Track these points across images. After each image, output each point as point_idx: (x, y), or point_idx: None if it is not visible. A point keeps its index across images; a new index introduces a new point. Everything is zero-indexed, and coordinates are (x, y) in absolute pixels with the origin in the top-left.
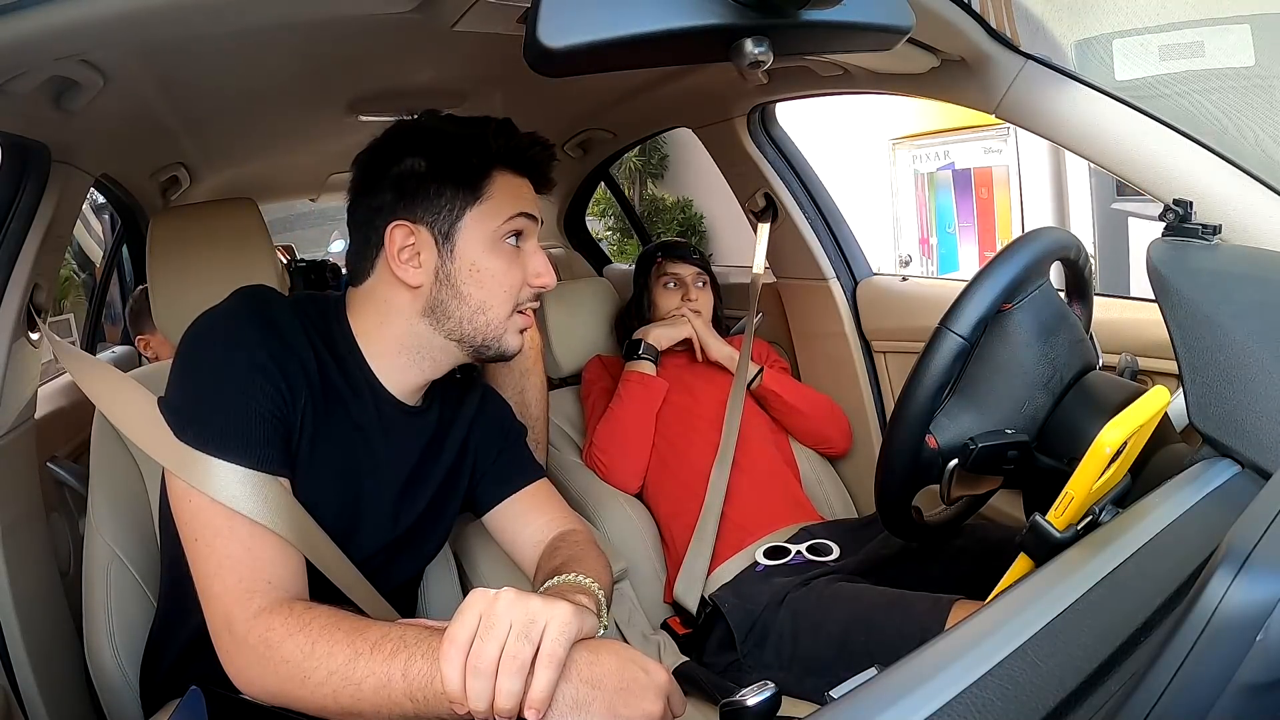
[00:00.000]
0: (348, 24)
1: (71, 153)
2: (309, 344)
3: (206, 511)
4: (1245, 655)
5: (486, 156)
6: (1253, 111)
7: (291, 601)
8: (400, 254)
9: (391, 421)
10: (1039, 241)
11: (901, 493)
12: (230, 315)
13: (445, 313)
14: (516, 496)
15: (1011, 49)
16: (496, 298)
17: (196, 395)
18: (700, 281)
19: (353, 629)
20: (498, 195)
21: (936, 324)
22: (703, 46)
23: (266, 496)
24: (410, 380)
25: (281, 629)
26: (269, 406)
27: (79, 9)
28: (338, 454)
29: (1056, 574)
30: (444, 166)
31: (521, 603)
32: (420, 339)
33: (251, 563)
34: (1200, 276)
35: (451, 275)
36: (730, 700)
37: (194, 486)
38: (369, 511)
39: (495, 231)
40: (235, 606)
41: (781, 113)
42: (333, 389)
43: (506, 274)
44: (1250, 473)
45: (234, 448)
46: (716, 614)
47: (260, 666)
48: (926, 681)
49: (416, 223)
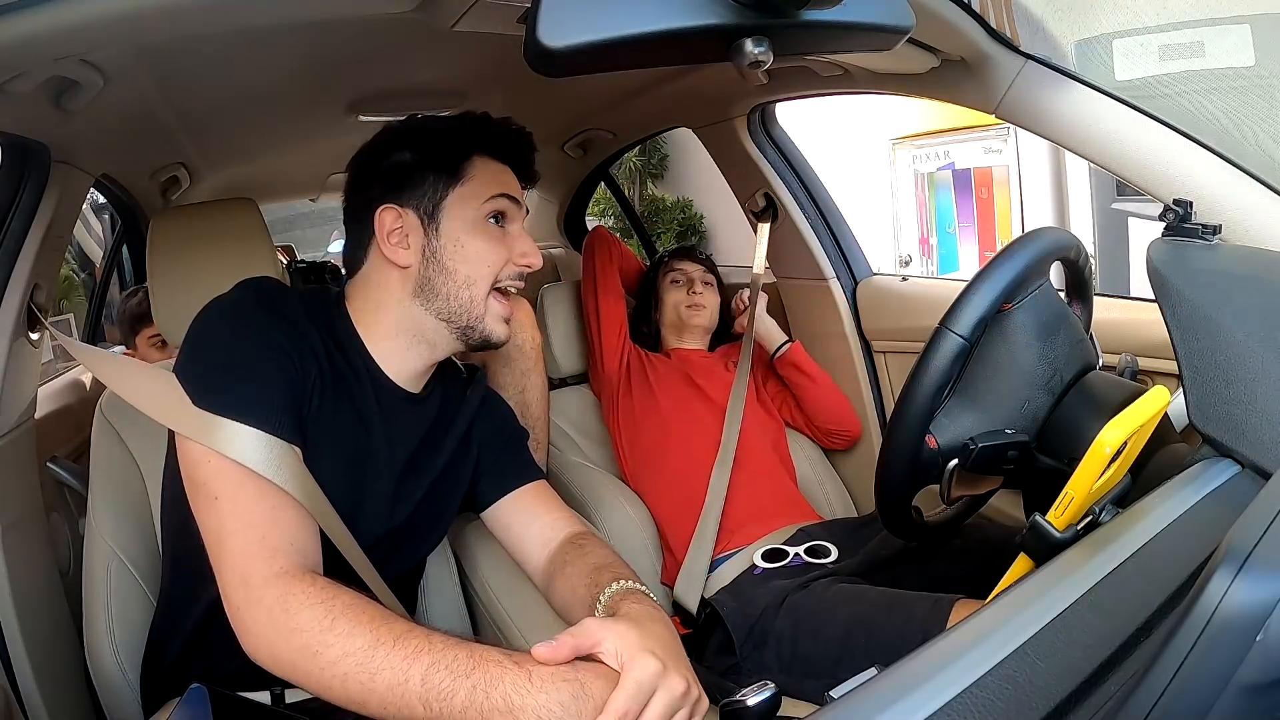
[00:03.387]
0: (348, 24)
1: (71, 153)
2: (315, 330)
3: (229, 471)
4: (1245, 655)
5: (465, 142)
6: (1253, 111)
7: (315, 573)
8: (390, 236)
9: (391, 408)
10: (1039, 242)
11: (902, 492)
12: (240, 300)
13: (434, 290)
14: (518, 493)
15: (1011, 49)
16: (479, 272)
17: (213, 364)
18: (706, 280)
19: (378, 615)
20: (478, 177)
21: (937, 324)
22: (703, 46)
23: (285, 462)
24: (409, 365)
25: (303, 595)
26: (283, 376)
27: (79, 9)
28: (341, 439)
29: (1056, 574)
30: (427, 155)
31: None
32: (414, 320)
33: (275, 522)
34: (1200, 276)
35: (438, 252)
36: (730, 700)
37: (215, 449)
38: (368, 499)
39: (477, 211)
40: (256, 561)
41: (781, 113)
42: (338, 374)
43: (491, 251)
44: (1250, 473)
45: (255, 412)
46: (716, 616)
47: (273, 628)
48: (926, 681)
49: (404, 206)
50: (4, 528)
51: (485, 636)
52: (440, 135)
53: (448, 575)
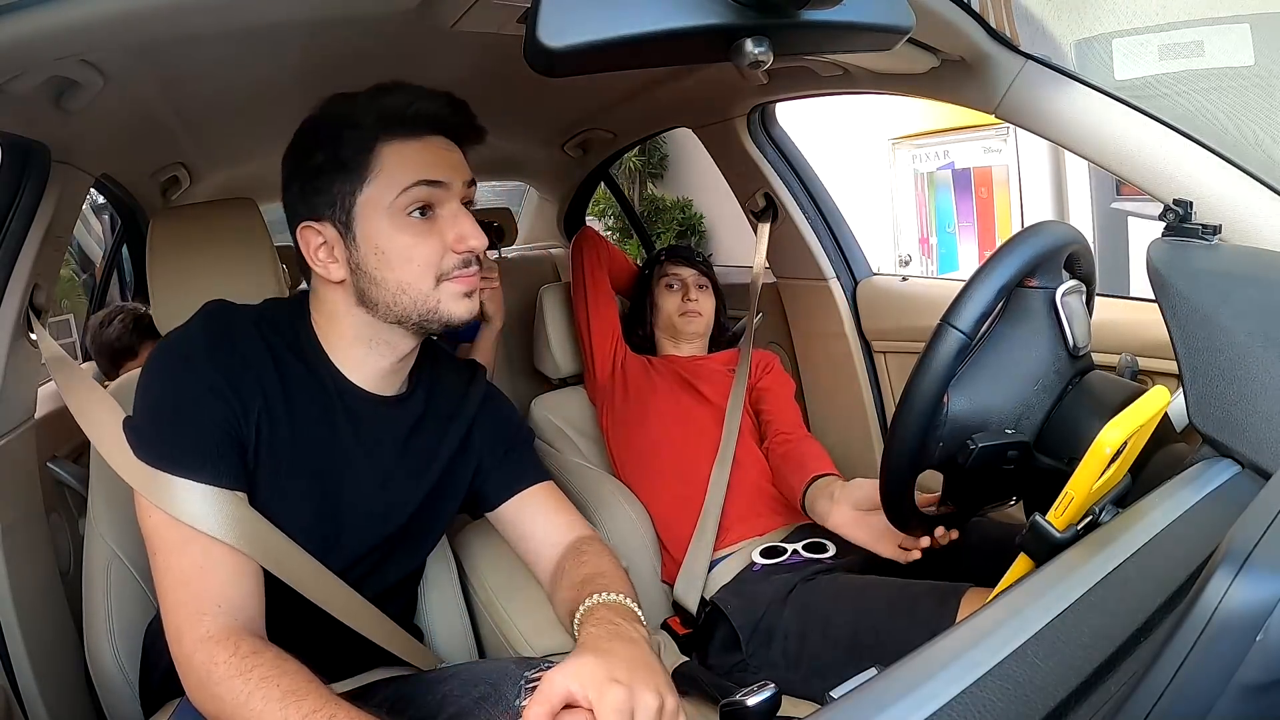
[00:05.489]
0: (348, 23)
1: (71, 153)
2: (267, 354)
3: (164, 528)
4: (1245, 655)
5: (363, 130)
6: (1253, 111)
7: (239, 637)
8: (316, 253)
9: (361, 415)
10: (1040, 236)
11: (905, 488)
12: (184, 338)
13: (372, 300)
14: (527, 494)
15: (1011, 49)
16: (412, 275)
17: (152, 415)
18: (701, 284)
19: (289, 691)
20: (387, 168)
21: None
22: (703, 46)
23: (222, 511)
24: (374, 369)
25: (223, 667)
26: (220, 423)
27: (79, 9)
28: (308, 456)
29: (1056, 574)
30: (328, 154)
31: None
32: (366, 327)
33: (203, 581)
34: (1200, 276)
35: (361, 263)
36: (730, 700)
37: (152, 503)
38: (353, 510)
39: (391, 208)
40: (185, 623)
41: (780, 113)
42: (296, 392)
43: (416, 248)
44: (1250, 473)
45: (188, 464)
46: (717, 615)
47: (201, 690)
48: (926, 681)
49: (320, 219)
50: (4, 528)
51: (485, 636)
52: (337, 127)
53: (448, 575)
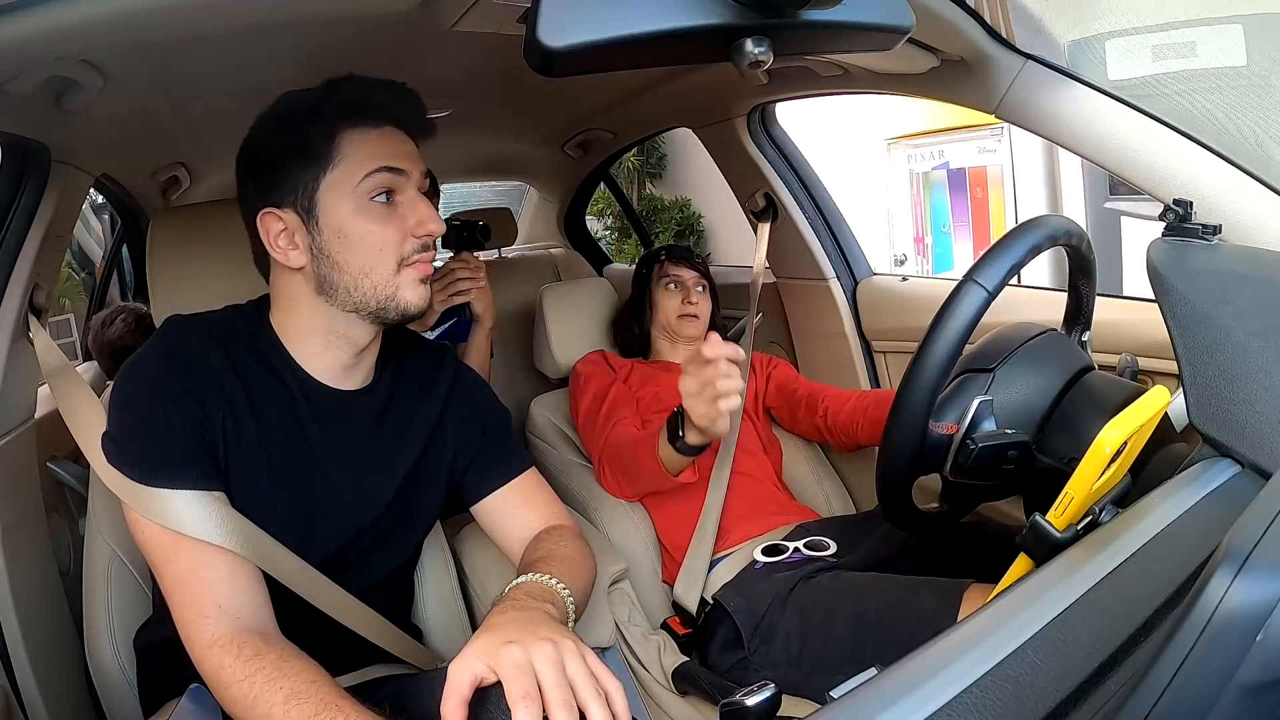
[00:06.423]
0: (348, 23)
1: (71, 153)
2: (225, 360)
3: (155, 537)
4: (1245, 655)
5: (325, 120)
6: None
7: (242, 639)
8: (277, 240)
9: (325, 410)
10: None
11: (903, 480)
12: (141, 357)
13: (332, 286)
14: (506, 488)
15: (1011, 49)
16: (373, 258)
17: (124, 430)
18: (700, 286)
19: (291, 695)
20: (350, 156)
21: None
22: (703, 46)
23: (205, 513)
24: (333, 362)
25: (229, 671)
26: (185, 428)
27: (79, 9)
28: (276, 455)
29: (1056, 574)
30: (290, 144)
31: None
32: (324, 318)
33: (199, 583)
34: (1200, 276)
35: (324, 247)
36: (730, 700)
37: (140, 515)
38: (325, 506)
39: (354, 192)
40: (191, 629)
41: (779, 113)
42: (259, 394)
43: (379, 233)
44: (1250, 473)
45: (163, 474)
46: (718, 614)
47: (217, 694)
48: (926, 681)
49: (281, 207)
50: (4, 528)
51: None
52: (297, 118)
53: (447, 575)
